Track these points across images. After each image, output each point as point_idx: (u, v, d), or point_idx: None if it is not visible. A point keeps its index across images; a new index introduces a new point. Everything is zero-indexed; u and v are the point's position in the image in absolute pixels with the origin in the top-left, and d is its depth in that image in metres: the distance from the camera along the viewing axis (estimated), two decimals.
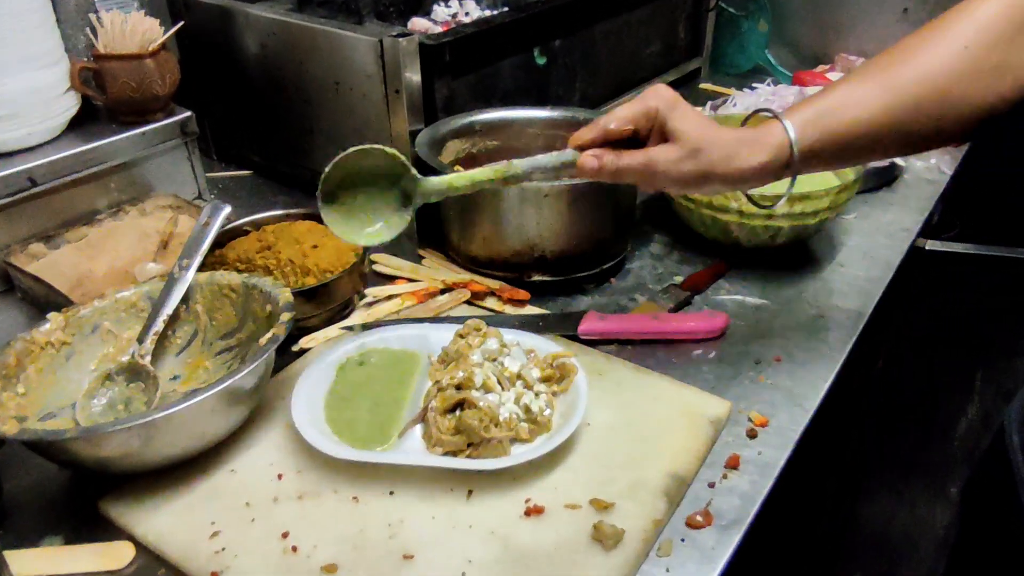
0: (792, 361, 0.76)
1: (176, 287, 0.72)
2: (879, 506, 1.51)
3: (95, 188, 0.90)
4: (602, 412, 0.68)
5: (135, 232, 0.88)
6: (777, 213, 0.84)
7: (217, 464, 0.63)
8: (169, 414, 0.56)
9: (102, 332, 0.71)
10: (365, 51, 0.88)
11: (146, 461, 0.59)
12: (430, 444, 0.63)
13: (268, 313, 0.69)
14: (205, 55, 1.06)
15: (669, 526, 0.59)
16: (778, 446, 0.66)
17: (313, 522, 0.58)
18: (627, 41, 1.22)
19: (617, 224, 0.88)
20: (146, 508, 0.59)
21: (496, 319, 0.80)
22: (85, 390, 0.68)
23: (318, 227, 0.84)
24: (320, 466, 0.62)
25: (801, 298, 0.86)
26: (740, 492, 0.62)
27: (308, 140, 1.01)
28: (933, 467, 1.47)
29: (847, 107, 0.62)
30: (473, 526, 0.58)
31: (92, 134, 0.90)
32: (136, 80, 0.90)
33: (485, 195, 0.82)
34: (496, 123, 0.96)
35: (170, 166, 0.97)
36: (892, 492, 1.51)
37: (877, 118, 0.62)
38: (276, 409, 0.68)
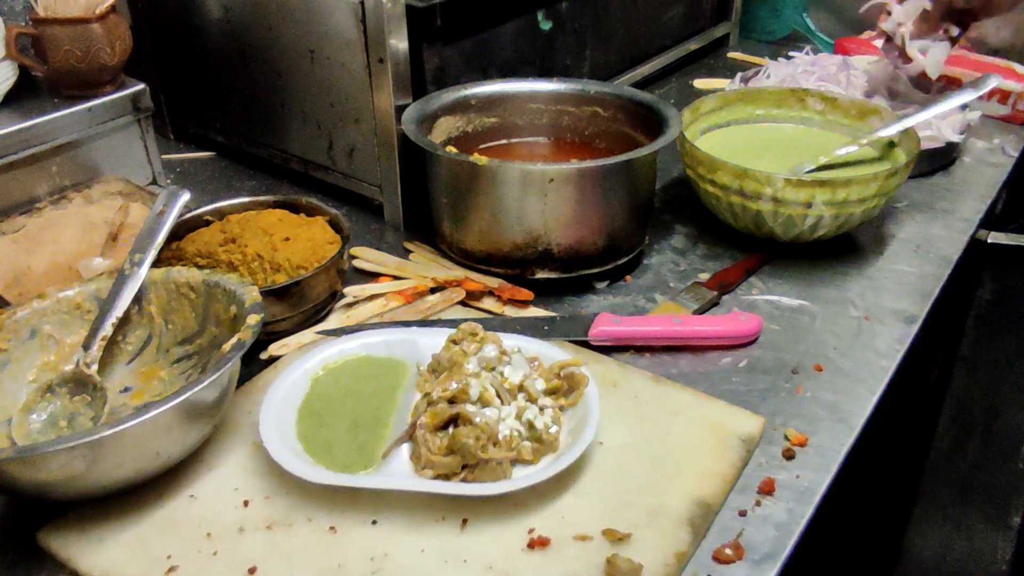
0: (835, 371, 0.76)
1: (127, 286, 0.72)
2: (932, 535, 1.51)
3: (34, 172, 0.91)
4: (616, 429, 0.68)
5: (80, 222, 0.88)
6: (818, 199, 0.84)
7: (174, 489, 0.63)
8: (119, 431, 0.56)
9: (42, 337, 0.71)
10: (344, 14, 0.88)
11: (92, 485, 0.59)
12: (419, 466, 0.63)
13: (232, 315, 0.69)
14: (161, 19, 1.07)
15: (694, 560, 0.59)
16: (819, 468, 0.66)
17: (284, 556, 0.58)
18: (644, 4, 1.22)
19: (634, 213, 0.88)
20: (92, 540, 0.59)
21: (495, 322, 0.80)
22: (22, 404, 0.68)
23: (290, 217, 0.85)
24: (292, 491, 0.62)
25: (845, 299, 0.86)
26: (775, 521, 0.62)
27: (279, 117, 1.02)
28: (995, 492, 1.47)
29: None
30: (468, 560, 0.58)
31: (30, 110, 0.90)
32: (81, 48, 0.90)
33: (482, 179, 0.82)
34: (494, 97, 0.96)
35: (120, 147, 0.97)
36: (947, 520, 1.52)
37: None
38: (242, 426, 0.68)
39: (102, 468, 0.58)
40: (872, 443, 0.73)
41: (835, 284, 0.88)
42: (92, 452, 0.56)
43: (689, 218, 0.99)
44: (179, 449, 0.62)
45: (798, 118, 1.04)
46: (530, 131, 0.98)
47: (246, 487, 0.63)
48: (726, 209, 0.91)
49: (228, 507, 0.62)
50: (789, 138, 1.02)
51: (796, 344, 0.79)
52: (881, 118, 0.98)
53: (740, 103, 1.04)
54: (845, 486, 0.68)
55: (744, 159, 0.88)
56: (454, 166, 0.84)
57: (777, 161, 0.94)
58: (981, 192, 1.07)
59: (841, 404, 0.73)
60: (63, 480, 0.58)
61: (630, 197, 0.86)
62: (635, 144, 0.90)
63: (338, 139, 0.97)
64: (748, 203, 0.87)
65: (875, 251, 0.94)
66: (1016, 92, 1.21)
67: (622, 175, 0.83)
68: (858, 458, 0.70)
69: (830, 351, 0.79)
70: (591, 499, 0.62)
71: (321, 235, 0.83)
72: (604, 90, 0.96)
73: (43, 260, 0.83)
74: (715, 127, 1.03)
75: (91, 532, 0.60)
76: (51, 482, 0.58)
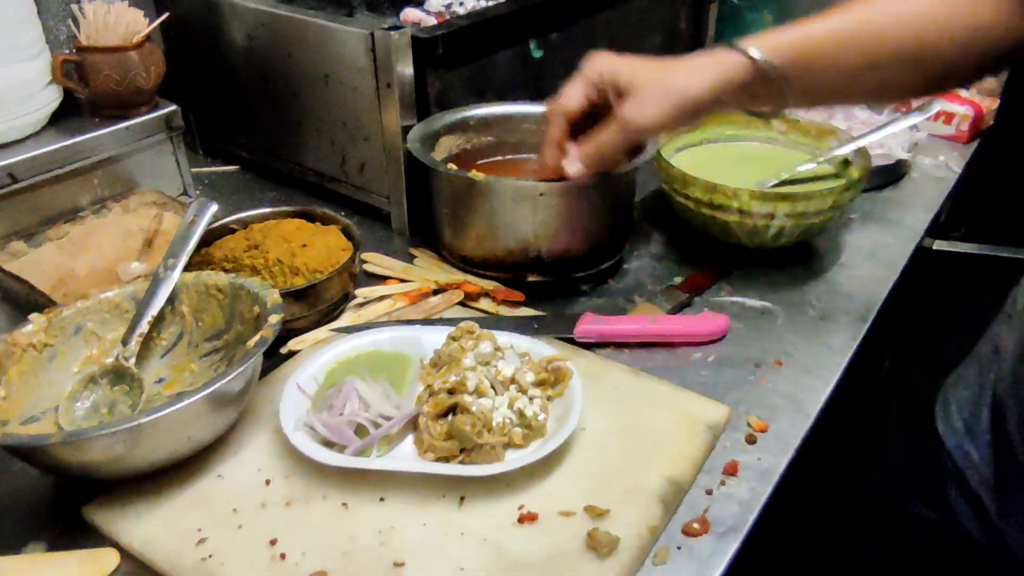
0: (794, 365, 0.77)
1: (161, 287, 0.72)
2: None
3: (77, 184, 0.91)
4: (598, 417, 0.68)
5: (119, 230, 0.88)
6: (780, 211, 0.85)
7: (204, 469, 0.63)
8: (155, 418, 0.56)
9: (85, 333, 0.71)
10: (356, 44, 0.89)
11: (131, 466, 0.60)
12: (421, 450, 0.64)
13: (256, 314, 0.69)
14: (191, 47, 1.07)
15: (665, 533, 0.60)
16: (778, 452, 0.67)
17: (302, 529, 0.59)
18: (626, 33, 1.22)
19: (615, 223, 0.88)
20: (131, 514, 0.60)
21: (490, 321, 0.81)
22: (68, 393, 0.68)
23: (307, 225, 0.85)
24: (309, 472, 0.63)
25: (804, 300, 0.86)
26: (738, 499, 0.62)
27: (297, 135, 1.02)
28: (940, 476, 1.48)
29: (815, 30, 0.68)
30: (465, 533, 0.58)
31: (74, 128, 0.90)
32: (119, 73, 0.90)
33: (479, 193, 0.82)
34: (491, 118, 0.96)
35: (155, 161, 0.97)
36: None
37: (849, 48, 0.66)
38: (264, 413, 0.69)
39: (140, 451, 0.58)
40: (827, 429, 0.73)
41: (795, 287, 0.88)
42: (131, 437, 0.57)
43: (665, 227, 0.99)
44: (208, 434, 0.63)
45: (763, 138, 1.04)
46: (523, 149, 0.98)
47: (268, 468, 0.64)
48: (698, 220, 0.91)
49: (252, 485, 0.62)
50: (755, 156, 1.02)
51: (759, 341, 0.80)
52: (837, 138, 0.99)
53: (711, 124, 1.04)
54: (802, 468, 0.68)
55: (714, 175, 0.88)
56: (454, 181, 0.84)
57: (744, 177, 0.94)
58: (927, 204, 1.07)
59: (798, 394, 0.73)
60: (105, 461, 0.58)
61: (612, 209, 0.86)
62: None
63: (350, 155, 0.97)
64: (717, 214, 0.88)
65: (831, 257, 0.94)
66: (959, 114, 1.22)
67: (604, 190, 0.83)
68: (814, 443, 0.70)
69: (790, 347, 0.79)
70: (574, 479, 0.63)
71: (335, 242, 0.83)
72: None
73: (86, 264, 0.83)
74: (688, 146, 1.03)
75: (130, 508, 0.60)
76: (94, 463, 0.58)
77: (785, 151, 1.02)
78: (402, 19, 1.20)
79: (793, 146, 1.03)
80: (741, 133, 1.05)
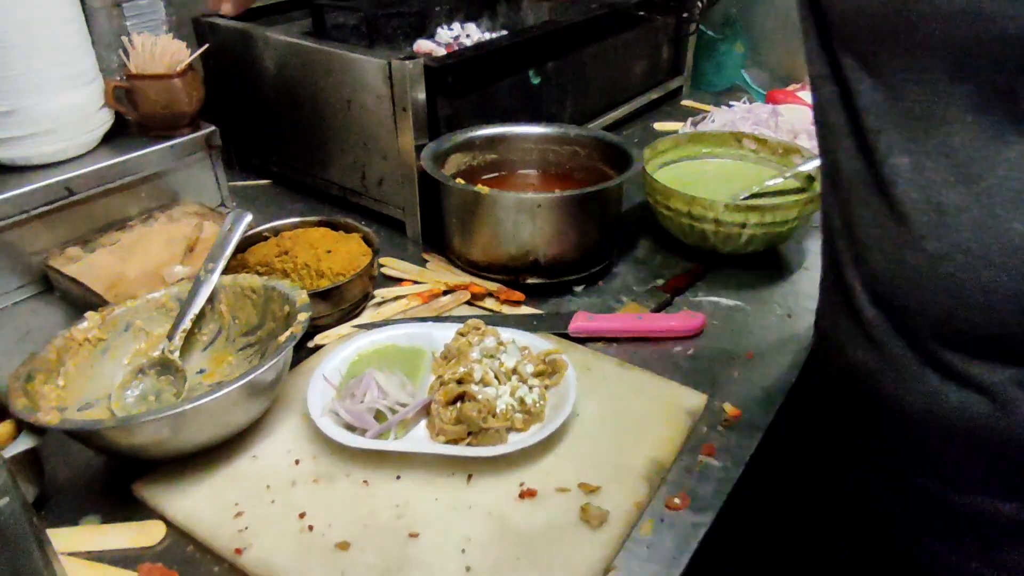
0: (763, 357, 0.77)
1: (202, 288, 0.72)
2: None
3: (127, 196, 0.90)
4: (590, 404, 0.68)
5: (164, 237, 0.88)
6: (751, 221, 0.85)
7: (240, 451, 0.64)
8: (197, 405, 0.57)
9: (134, 330, 0.72)
10: (375, 73, 0.88)
11: (176, 448, 0.60)
12: (433, 433, 0.64)
13: (286, 313, 0.69)
14: (228, 75, 1.07)
15: (650, 508, 0.60)
16: (749, 435, 0.67)
17: (327, 503, 0.59)
18: (614, 62, 1.22)
19: (604, 231, 0.88)
20: (176, 491, 0.60)
21: (494, 318, 0.80)
22: (119, 382, 0.69)
23: (331, 233, 0.85)
24: (334, 453, 0.63)
25: (772, 299, 0.86)
26: (714, 477, 0.63)
27: (322, 153, 1.02)
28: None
29: None
30: (472, 507, 0.58)
31: (124, 147, 0.90)
32: (165, 98, 0.90)
33: (484, 205, 0.83)
34: (494, 138, 0.96)
35: (196, 176, 0.97)
36: None
37: None
38: (293, 400, 0.69)
39: (183, 434, 0.59)
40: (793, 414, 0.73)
41: (764, 288, 0.88)
42: (175, 422, 0.57)
43: (649, 235, 0.99)
44: (244, 419, 0.63)
45: (736, 155, 1.04)
46: (523, 165, 0.98)
47: (297, 449, 0.64)
48: (678, 228, 0.91)
49: (283, 465, 0.62)
50: (728, 172, 1.02)
51: (732, 336, 0.80)
52: (802, 156, 0.98)
53: (690, 143, 1.04)
54: (771, 449, 0.68)
55: (692, 188, 0.88)
56: (462, 194, 0.84)
57: (718, 190, 0.94)
58: None
59: (767, 383, 0.73)
60: (152, 443, 0.58)
61: (602, 218, 0.86)
62: (606, 176, 0.91)
63: (370, 171, 0.97)
64: (695, 223, 0.88)
65: (796, 262, 0.94)
66: None
67: (595, 201, 0.84)
68: (782, 426, 0.70)
69: (759, 341, 0.79)
70: (569, 459, 0.63)
71: (356, 248, 0.83)
72: (581, 133, 0.97)
73: (135, 268, 0.83)
74: (670, 162, 1.03)
75: (175, 484, 0.60)
76: (143, 445, 0.58)
77: (755, 167, 1.02)
78: (416, 50, 1.21)
79: (762, 163, 1.02)
80: (716, 151, 1.05)
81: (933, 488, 0.57)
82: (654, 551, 0.56)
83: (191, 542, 0.57)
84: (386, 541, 0.56)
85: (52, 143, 0.84)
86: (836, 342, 0.61)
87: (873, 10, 0.48)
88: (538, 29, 1.06)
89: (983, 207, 0.46)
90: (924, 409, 0.53)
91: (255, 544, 0.56)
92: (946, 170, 0.48)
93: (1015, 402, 0.49)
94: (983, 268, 0.47)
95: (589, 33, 1.13)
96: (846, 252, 0.57)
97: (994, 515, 0.53)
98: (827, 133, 0.57)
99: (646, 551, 0.56)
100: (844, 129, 0.54)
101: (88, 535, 0.58)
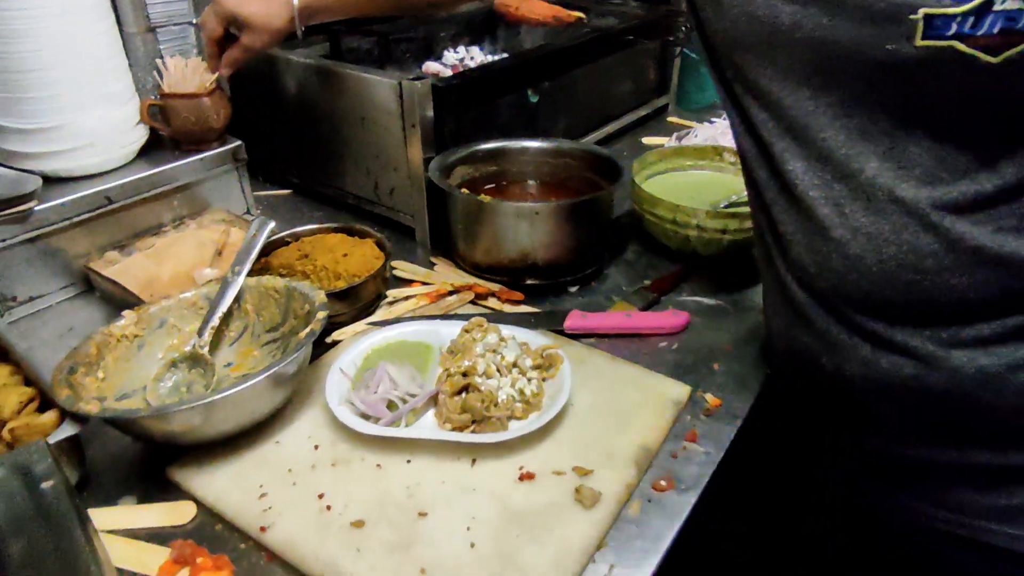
0: (741, 352, 0.77)
1: (229, 289, 0.72)
2: None
3: (161, 205, 0.91)
4: (583, 395, 0.68)
5: (194, 242, 0.88)
6: (730, 227, 0.85)
7: (264, 437, 0.64)
8: (225, 396, 0.57)
9: (168, 327, 0.72)
10: (386, 92, 0.89)
11: (205, 434, 0.60)
12: (441, 421, 0.64)
13: (306, 311, 0.70)
14: (253, 93, 1.07)
15: (638, 489, 0.60)
16: (729, 422, 0.67)
17: (344, 485, 0.59)
18: (604, 82, 1.22)
19: (596, 237, 0.88)
20: (205, 474, 0.60)
21: (495, 316, 0.80)
22: (154, 375, 0.69)
23: (347, 239, 0.85)
24: (350, 439, 0.63)
25: (748, 298, 0.86)
26: (697, 461, 0.63)
27: (338, 165, 1.02)
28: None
29: None
30: (476, 489, 0.59)
31: (158, 160, 0.90)
32: (195, 115, 0.90)
33: (486, 212, 0.83)
34: (495, 151, 0.96)
35: (223, 186, 0.97)
36: None
37: None
38: (313, 391, 0.69)
39: (212, 422, 0.59)
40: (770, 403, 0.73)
41: (742, 288, 0.88)
42: (205, 411, 0.57)
43: (637, 240, 0.98)
44: (268, 408, 0.63)
45: (717, 167, 1.04)
46: (521, 176, 0.98)
47: (316, 435, 0.64)
48: (663, 233, 0.91)
49: (303, 450, 0.62)
50: (710, 182, 1.02)
51: (713, 332, 0.80)
52: None
53: (675, 156, 1.04)
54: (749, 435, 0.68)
55: (677, 197, 0.88)
56: (466, 202, 0.84)
57: (701, 199, 0.94)
58: None
59: (745, 375, 0.73)
60: (184, 431, 0.59)
61: (594, 225, 0.86)
62: (598, 186, 0.91)
63: (382, 181, 0.97)
64: (679, 229, 0.88)
65: None
66: None
67: (588, 209, 0.84)
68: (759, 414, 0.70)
69: (737, 337, 0.79)
70: (565, 445, 0.63)
71: (370, 252, 0.83)
72: (575, 147, 0.97)
73: (168, 270, 0.83)
74: (657, 173, 1.03)
75: (205, 468, 0.60)
76: (175, 432, 0.59)
77: (734, 179, 1.02)
78: (424, 71, 1.21)
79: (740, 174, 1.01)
80: (699, 164, 1.05)
81: (880, 446, 0.58)
82: (642, 529, 0.57)
83: (219, 521, 0.57)
84: (398, 519, 0.56)
85: (93, 156, 0.84)
86: (781, 332, 0.63)
87: (747, 42, 0.52)
88: (535, 52, 1.07)
89: (867, 195, 0.50)
90: (861, 376, 0.55)
91: (278, 523, 0.56)
92: (830, 169, 0.51)
93: (937, 358, 0.51)
94: (882, 245, 0.50)
95: (582, 56, 1.13)
96: (775, 249, 0.59)
97: (937, 463, 0.55)
98: (741, 149, 0.60)
99: (635, 529, 0.57)
100: (750, 143, 0.57)
101: (125, 514, 0.58)
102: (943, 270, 0.48)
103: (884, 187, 0.49)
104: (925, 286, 0.49)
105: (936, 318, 0.50)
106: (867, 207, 0.50)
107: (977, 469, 0.53)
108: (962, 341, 0.50)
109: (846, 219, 0.51)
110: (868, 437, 0.59)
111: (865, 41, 0.45)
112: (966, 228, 0.47)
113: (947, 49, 0.43)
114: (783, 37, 0.49)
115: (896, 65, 0.45)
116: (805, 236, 0.54)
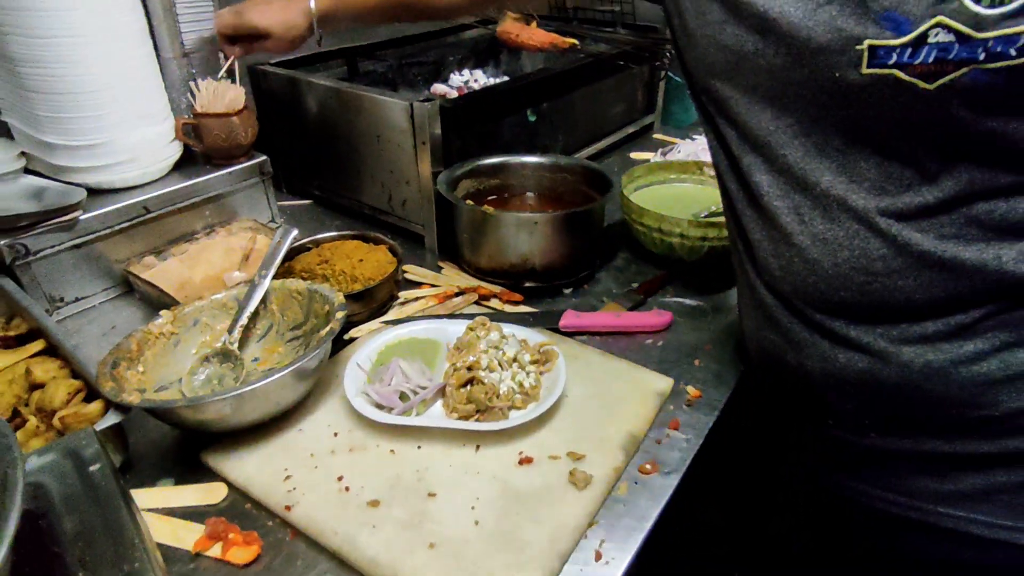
0: (720, 349, 0.77)
1: (256, 291, 0.72)
2: None
3: (193, 214, 0.91)
4: (577, 386, 0.68)
5: (224, 248, 0.88)
6: (710, 235, 0.86)
7: (288, 425, 0.64)
8: (253, 388, 0.57)
9: (201, 325, 0.72)
10: (399, 112, 0.89)
11: (235, 423, 0.60)
12: (448, 411, 0.64)
13: (326, 311, 0.70)
14: (278, 113, 1.07)
15: (626, 472, 0.60)
16: (708, 413, 0.67)
17: (361, 468, 0.59)
18: (597, 103, 1.23)
19: (589, 244, 0.89)
20: (235, 458, 0.60)
21: (497, 316, 0.81)
22: (188, 369, 0.69)
23: (363, 245, 0.85)
24: (366, 427, 0.63)
25: (727, 300, 0.86)
26: (679, 447, 0.63)
27: (356, 178, 1.02)
28: None
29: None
30: (480, 472, 0.59)
31: (191, 174, 0.90)
32: (225, 133, 0.91)
33: (489, 222, 0.83)
34: (497, 166, 0.97)
35: (250, 197, 0.97)
36: None
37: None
38: (332, 384, 0.69)
39: (242, 412, 0.59)
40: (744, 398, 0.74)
41: (721, 291, 0.88)
42: (236, 402, 0.58)
43: (627, 247, 0.99)
44: (292, 399, 0.63)
45: (698, 180, 1.04)
46: (522, 189, 0.98)
47: (335, 424, 0.64)
48: (650, 241, 0.91)
49: (324, 437, 0.63)
50: (692, 194, 1.02)
51: (695, 331, 0.80)
52: None
53: (660, 170, 1.04)
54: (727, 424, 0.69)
55: (662, 208, 0.89)
56: (471, 213, 0.84)
57: (684, 209, 0.95)
58: None
59: (722, 371, 0.73)
60: (217, 419, 0.59)
61: (587, 233, 0.87)
62: (590, 198, 0.91)
63: (395, 194, 0.98)
64: (664, 237, 0.88)
65: None
66: None
67: (582, 219, 0.84)
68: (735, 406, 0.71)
69: (717, 336, 0.79)
70: (560, 432, 0.63)
71: (384, 257, 0.83)
72: (570, 162, 0.97)
73: (200, 273, 0.84)
74: (644, 186, 1.03)
75: (235, 453, 0.61)
76: (209, 420, 0.59)
77: (714, 191, 1.02)
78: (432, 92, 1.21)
79: None
80: (682, 177, 1.05)
81: (839, 436, 0.59)
82: (630, 507, 0.57)
83: (248, 500, 0.58)
84: (409, 499, 0.56)
85: (133, 170, 0.85)
86: (752, 331, 0.63)
87: (716, 69, 0.53)
88: (534, 75, 1.07)
89: (824, 206, 0.51)
90: (821, 371, 0.55)
91: (301, 502, 0.56)
92: (791, 182, 0.52)
93: (888, 354, 0.51)
94: (837, 250, 0.51)
95: (577, 79, 1.13)
96: (745, 255, 0.60)
97: (892, 452, 0.55)
98: (715, 163, 0.60)
99: (623, 508, 0.57)
100: (723, 158, 0.58)
101: (163, 494, 0.58)
102: (892, 272, 0.49)
103: (838, 197, 0.50)
104: (876, 287, 0.50)
105: (887, 317, 0.51)
106: (824, 215, 0.51)
107: (928, 457, 0.53)
108: (911, 338, 0.50)
109: (806, 226, 0.52)
110: (829, 429, 0.59)
111: (817, 70, 0.47)
112: (911, 234, 0.48)
113: (888, 77, 0.44)
114: (747, 65, 0.51)
115: (845, 91, 0.46)
116: (771, 242, 0.55)
